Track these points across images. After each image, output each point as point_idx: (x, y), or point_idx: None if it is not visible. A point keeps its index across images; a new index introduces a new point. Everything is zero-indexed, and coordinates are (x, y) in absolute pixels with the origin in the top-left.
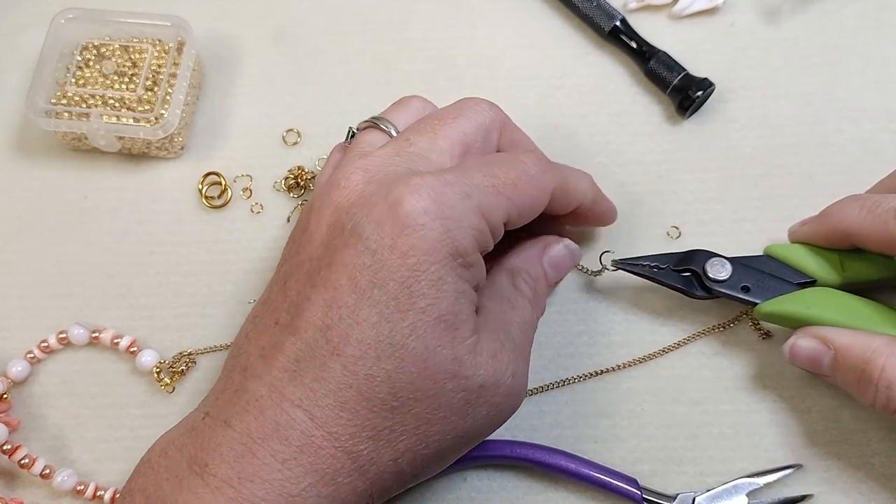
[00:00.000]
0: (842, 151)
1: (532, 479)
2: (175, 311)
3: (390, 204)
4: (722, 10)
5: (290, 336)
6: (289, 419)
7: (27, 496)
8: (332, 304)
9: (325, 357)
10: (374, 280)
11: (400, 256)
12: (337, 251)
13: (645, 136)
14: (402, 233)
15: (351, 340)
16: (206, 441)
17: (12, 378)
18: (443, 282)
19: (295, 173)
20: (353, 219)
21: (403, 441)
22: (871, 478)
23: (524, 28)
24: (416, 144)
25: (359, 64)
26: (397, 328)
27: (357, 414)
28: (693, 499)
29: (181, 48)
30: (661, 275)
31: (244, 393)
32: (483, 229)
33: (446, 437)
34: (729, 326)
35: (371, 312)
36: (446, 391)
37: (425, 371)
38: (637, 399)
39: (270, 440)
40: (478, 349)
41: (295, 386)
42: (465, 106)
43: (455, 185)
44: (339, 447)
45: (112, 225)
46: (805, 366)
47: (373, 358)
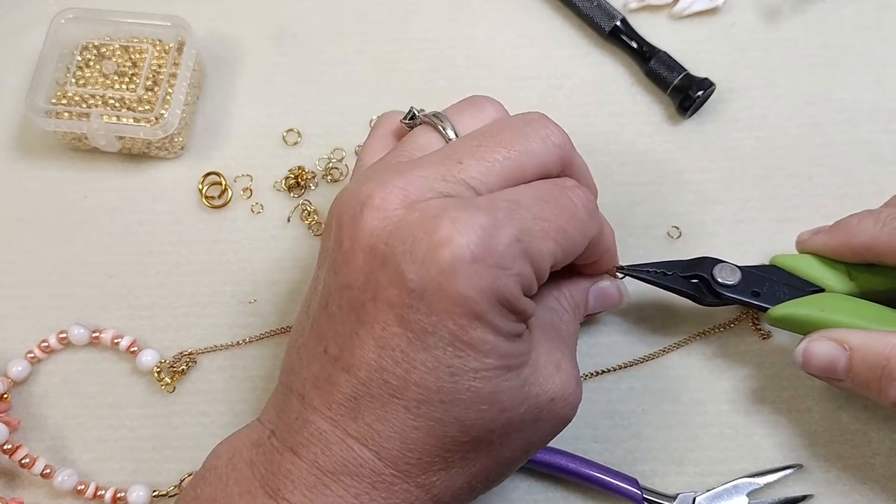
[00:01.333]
0: (842, 152)
1: (532, 479)
2: (175, 311)
3: (434, 242)
4: (722, 10)
5: (344, 373)
6: (356, 456)
7: (27, 496)
8: (384, 346)
9: (385, 399)
10: (425, 325)
11: (450, 304)
12: (380, 287)
13: (645, 136)
14: (451, 278)
15: (410, 385)
16: (275, 464)
17: (12, 378)
18: (496, 329)
19: (295, 173)
20: (394, 252)
21: (476, 465)
22: (871, 478)
23: (524, 28)
24: (466, 171)
25: (359, 64)
26: (460, 374)
27: (426, 452)
28: (693, 499)
29: (181, 48)
30: (669, 280)
31: (306, 424)
32: (528, 276)
33: (517, 451)
34: (729, 327)
35: (427, 357)
36: (518, 417)
37: (497, 407)
38: (637, 399)
39: (341, 475)
40: (540, 364)
41: (357, 424)
42: (532, 133)
43: (506, 227)
44: (411, 482)
45: (112, 225)
46: (819, 370)
47: (437, 402)
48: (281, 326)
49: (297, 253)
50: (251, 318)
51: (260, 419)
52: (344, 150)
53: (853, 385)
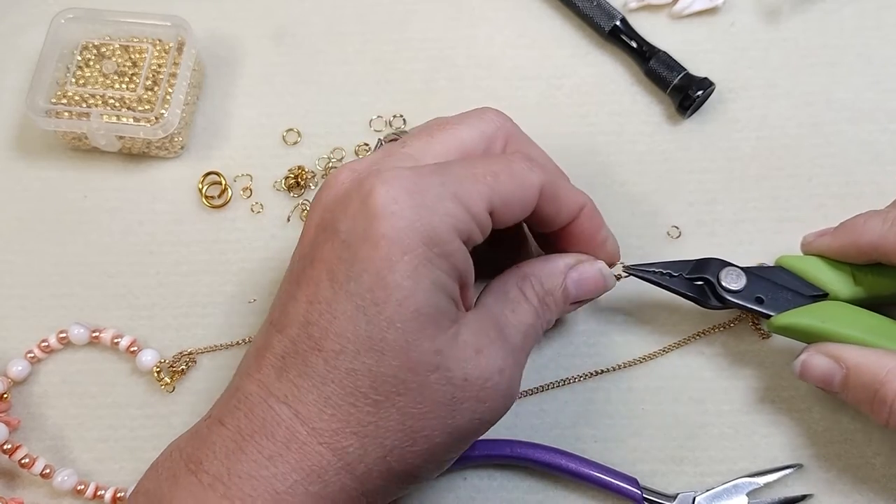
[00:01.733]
0: (841, 153)
1: (532, 479)
2: (175, 311)
3: (363, 196)
4: (722, 9)
5: (278, 333)
6: (275, 415)
7: (27, 496)
8: (312, 300)
9: (308, 353)
10: (350, 273)
11: (372, 247)
12: (318, 248)
13: (645, 136)
14: (372, 222)
15: (330, 335)
16: (200, 440)
17: (12, 378)
18: (418, 273)
19: (295, 173)
20: (333, 215)
21: (390, 437)
22: (871, 478)
23: (524, 28)
24: (408, 146)
25: (359, 64)
26: (374, 321)
27: (340, 409)
28: (693, 498)
29: (181, 48)
30: (674, 283)
31: (237, 391)
32: (460, 216)
33: (434, 433)
34: (729, 326)
35: (347, 306)
36: (430, 384)
37: (407, 364)
38: (637, 399)
39: (258, 437)
40: (460, 341)
41: (281, 382)
42: (471, 114)
43: (429, 175)
44: (323, 443)
45: (112, 225)
46: (816, 383)
47: (352, 352)
48: None
49: None
50: (251, 318)
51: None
52: (344, 150)
53: (848, 400)
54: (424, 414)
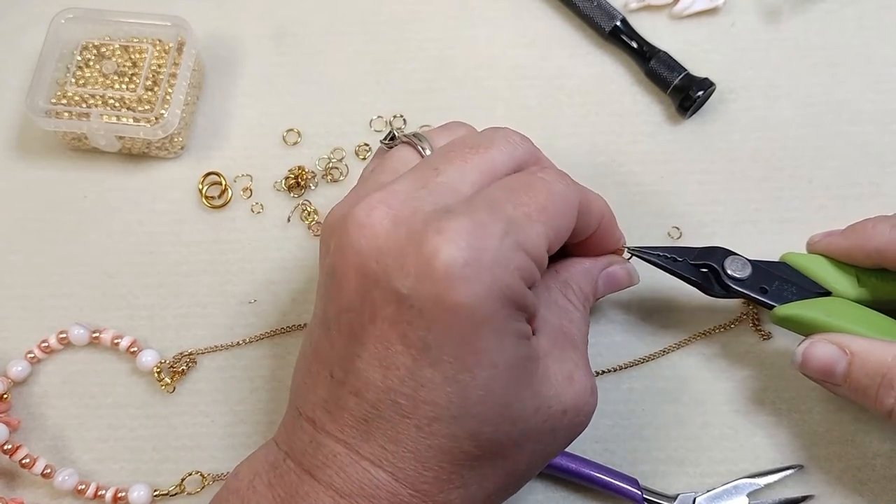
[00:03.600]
0: (842, 154)
1: (532, 480)
2: (175, 311)
3: (426, 256)
4: (722, 10)
5: (353, 396)
6: (372, 478)
7: (28, 496)
8: (387, 366)
9: (396, 420)
10: (428, 340)
11: (451, 315)
12: (377, 307)
13: (645, 136)
14: (448, 289)
15: (419, 403)
16: (292, 487)
17: (12, 378)
18: (502, 332)
19: (295, 173)
20: (386, 270)
21: (493, 480)
22: (872, 479)
23: (524, 28)
24: (443, 174)
25: (359, 64)
26: (469, 387)
27: (442, 470)
28: (694, 499)
29: (181, 48)
30: (679, 267)
31: (320, 447)
32: (528, 266)
33: (532, 463)
34: (730, 327)
35: (434, 374)
36: (531, 427)
37: (509, 419)
38: (637, 399)
39: (358, 497)
40: (552, 376)
41: (370, 445)
42: (497, 136)
43: (490, 226)
44: (429, 501)
45: (112, 225)
46: (817, 373)
47: (447, 419)
48: (281, 326)
49: (297, 253)
50: (251, 318)
51: (276, 440)
52: (344, 150)
53: (849, 391)
54: (528, 451)
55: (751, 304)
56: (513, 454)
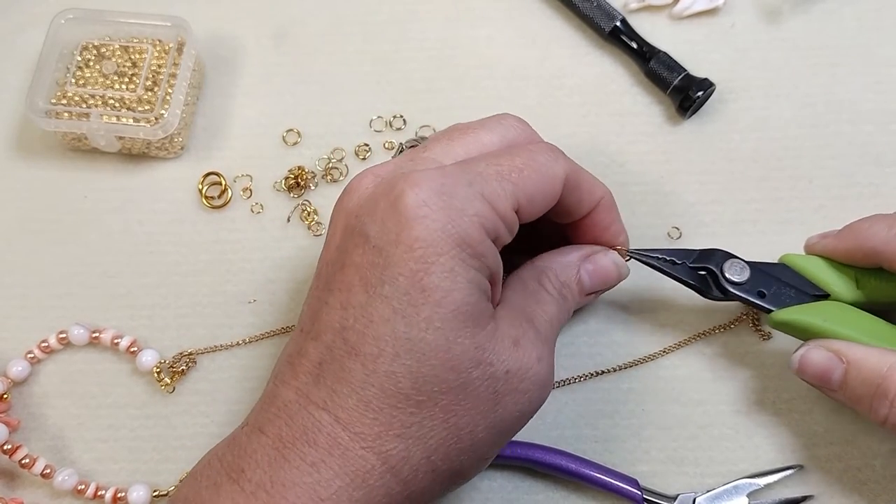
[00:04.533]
0: (842, 154)
1: (532, 479)
2: (175, 311)
3: (392, 200)
4: (722, 10)
5: (312, 341)
6: (315, 422)
7: (28, 496)
8: (346, 306)
9: (344, 358)
10: (383, 276)
11: (406, 250)
12: (347, 253)
13: (645, 137)
14: (405, 226)
15: (367, 339)
16: (241, 448)
17: (12, 378)
18: (454, 272)
19: (295, 173)
20: (360, 220)
21: (434, 437)
22: (872, 479)
23: (524, 28)
24: (430, 150)
25: (359, 64)
26: (413, 323)
27: (381, 412)
28: (693, 499)
29: (181, 48)
30: (677, 270)
31: (275, 399)
32: (489, 216)
33: (478, 429)
34: (729, 327)
35: (384, 309)
36: (472, 380)
37: (448, 362)
38: (637, 399)
39: (300, 444)
40: (498, 335)
41: (319, 389)
42: (491, 119)
43: (456, 176)
44: (366, 447)
45: (112, 225)
46: (813, 378)
47: (391, 355)
48: (281, 326)
49: (297, 253)
50: (251, 318)
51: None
52: (344, 150)
53: (845, 398)
54: (468, 410)
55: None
56: (452, 407)
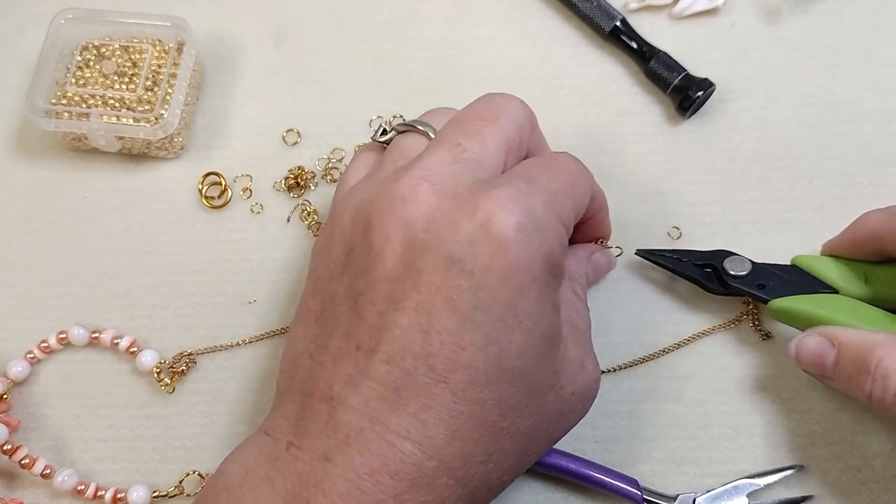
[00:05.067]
0: (842, 154)
1: (532, 480)
2: (175, 311)
3: (479, 222)
4: (722, 10)
5: (385, 364)
6: (397, 452)
7: (27, 496)
8: (429, 330)
9: (430, 385)
10: (476, 303)
11: (501, 277)
12: (423, 273)
13: (645, 137)
14: (500, 251)
15: (457, 366)
16: (302, 476)
17: (12, 378)
18: (542, 297)
19: (295, 173)
20: (437, 238)
21: (510, 459)
22: (871, 479)
23: (524, 28)
24: (469, 150)
25: (359, 64)
26: (506, 350)
27: (469, 441)
28: (694, 499)
29: (181, 48)
30: (682, 266)
31: (339, 425)
32: (564, 236)
33: (540, 449)
34: (729, 327)
35: (476, 336)
36: (546, 403)
37: (532, 388)
38: (637, 399)
39: (379, 475)
40: (567, 358)
41: (399, 417)
42: (499, 104)
43: (534, 195)
44: (451, 475)
45: (112, 225)
46: (810, 366)
47: (482, 383)
48: (281, 326)
49: (297, 253)
50: (251, 318)
51: (267, 432)
52: (344, 150)
53: (840, 383)
54: (540, 433)
55: (751, 304)
56: (529, 431)
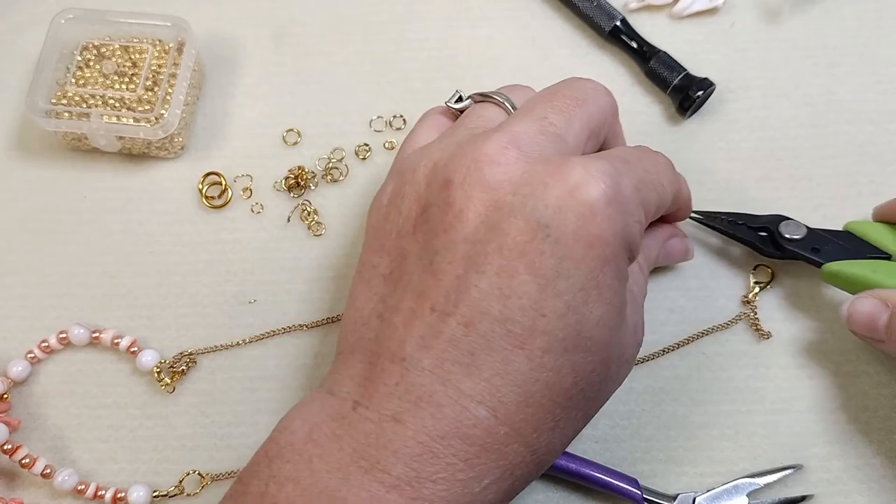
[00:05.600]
0: (842, 153)
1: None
2: (175, 311)
3: (569, 187)
4: (722, 10)
5: (461, 327)
6: (471, 416)
7: (28, 496)
8: (509, 295)
9: (507, 350)
10: (559, 270)
11: (586, 246)
12: (507, 235)
13: (645, 136)
14: (589, 220)
15: (536, 332)
16: (371, 436)
17: (13, 378)
18: (620, 272)
19: (295, 173)
20: (525, 201)
21: (574, 428)
22: (871, 478)
23: (524, 28)
24: (554, 125)
25: (359, 64)
26: (585, 321)
27: (542, 408)
28: (693, 499)
29: (181, 48)
30: (737, 229)
31: (411, 387)
32: (643, 223)
33: (593, 413)
34: (729, 327)
35: (557, 304)
36: (613, 371)
37: (605, 359)
38: (637, 399)
39: (451, 438)
40: (626, 324)
41: (473, 381)
42: (587, 89)
43: (627, 176)
44: (521, 442)
45: (112, 225)
46: (861, 328)
47: (560, 350)
48: (281, 326)
49: (297, 253)
50: (251, 318)
51: (331, 392)
52: (344, 150)
53: (892, 345)
54: (598, 400)
55: (750, 304)
56: (592, 399)
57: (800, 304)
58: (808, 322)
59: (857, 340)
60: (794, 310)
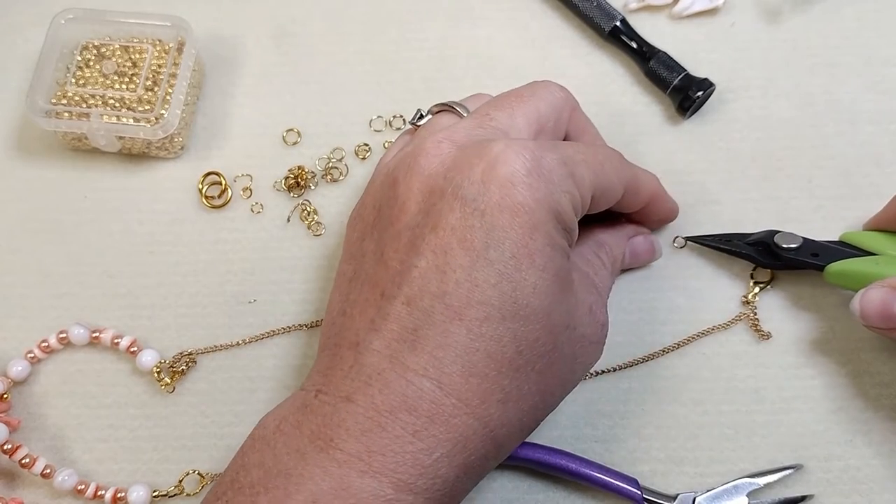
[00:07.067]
0: (841, 154)
1: (532, 479)
2: (175, 311)
3: (490, 163)
4: (722, 10)
5: (405, 306)
6: (416, 389)
7: (27, 496)
8: (445, 270)
9: (447, 323)
10: (488, 240)
11: (511, 215)
12: (441, 215)
13: (645, 137)
14: (510, 190)
15: (472, 303)
16: (326, 417)
17: (12, 378)
18: (553, 240)
19: (295, 173)
20: (453, 182)
21: (528, 400)
22: (871, 478)
23: (524, 28)
24: (495, 119)
25: (359, 64)
26: (520, 287)
27: (486, 377)
28: (693, 499)
29: (181, 48)
30: (734, 246)
31: (362, 367)
32: (577, 196)
33: (556, 391)
34: (729, 327)
35: (490, 273)
36: (561, 344)
37: (547, 326)
38: (637, 399)
39: (399, 412)
40: (578, 300)
41: (417, 355)
42: (538, 87)
43: (550, 151)
44: (470, 413)
45: (112, 225)
46: (876, 317)
47: (497, 318)
48: (281, 326)
49: (296, 253)
50: (251, 318)
51: (303, 388)
52: (344, 150)
53: None
54: (555, 373)
55: (750, 304)
56: (545, 370)
57: (800, 304)
58: (807, 322)
59: (857, 340)
60: (794, 310)
